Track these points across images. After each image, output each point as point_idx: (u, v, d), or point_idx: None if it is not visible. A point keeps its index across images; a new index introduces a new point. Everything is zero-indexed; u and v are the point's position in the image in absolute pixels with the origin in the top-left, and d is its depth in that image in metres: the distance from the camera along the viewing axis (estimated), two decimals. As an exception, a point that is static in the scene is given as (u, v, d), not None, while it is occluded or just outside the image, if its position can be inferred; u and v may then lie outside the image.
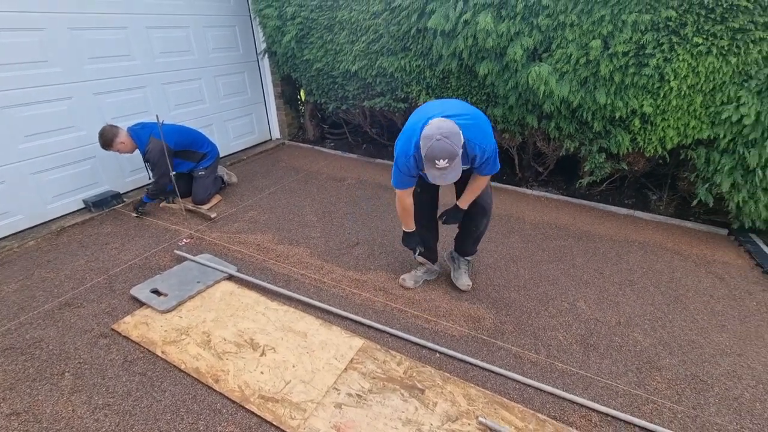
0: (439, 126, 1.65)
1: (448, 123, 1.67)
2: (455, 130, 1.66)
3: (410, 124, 1.91)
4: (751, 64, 2.47)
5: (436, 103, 2.00)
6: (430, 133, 1.64)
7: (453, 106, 1.88)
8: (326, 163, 4.69)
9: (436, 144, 1.61)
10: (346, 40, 3.88)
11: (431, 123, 1.71)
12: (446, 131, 1.63)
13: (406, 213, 2.18)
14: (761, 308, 2.40)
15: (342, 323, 2.20)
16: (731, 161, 2.71)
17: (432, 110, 1.86)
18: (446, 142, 1.60)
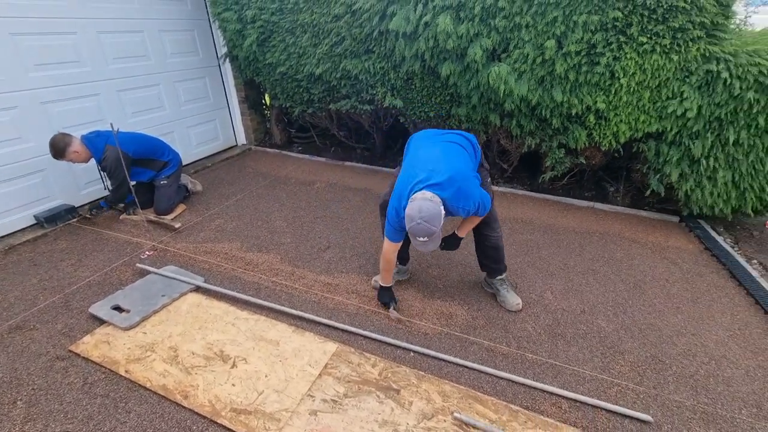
0: (420, 209, 1.75)
1: (428, 205, 1.76)
2: (435, 212, 1.75)
3: (401, 183, 1.96)
4: (691, 61, 2.63)
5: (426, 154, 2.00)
6: (412, 215, 1.76)
7: (438, 168, 1.89)
8: (294, 167, 4.64)
9: (416, 226, 1.75)
10: (309, 43, 3.85)
11: (415, 200, 1.79)
12: (426, 216, 1.73)
13: (389, 266, 2.20)
14: (711, 289, 2.57)
15: (315, 329, 2.18)
16: (678, 152, 2.88)
17: (420, 168, 1.92)
18: (425, 225, 1.74)
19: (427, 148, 2.06)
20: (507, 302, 2.35)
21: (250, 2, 3.94)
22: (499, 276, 2.39)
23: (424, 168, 1.90)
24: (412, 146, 2.20)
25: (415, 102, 3.69)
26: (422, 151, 2.05)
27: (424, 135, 2.23)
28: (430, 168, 1.89)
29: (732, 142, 2.69)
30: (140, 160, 3.28)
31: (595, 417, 1.73)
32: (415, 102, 3.69)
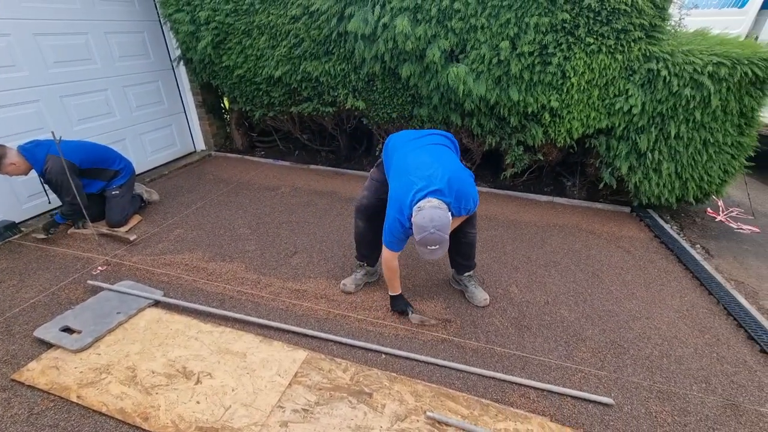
0: (431, 218, 1.71)
1: (439, 213, 1.73)
2: (446, 220, 1.73)
3: (399, 193, 1.89)
4: (634, 61, 2.80)
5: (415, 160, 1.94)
6: (424, 225, 1.71)
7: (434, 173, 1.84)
8: (257, 172, 4.52)
9: (429, 236, 1.71)
10: (267, 45, 3.77)
11: (422, 208, 1.74)
12: (438, 224, 1.70)
13: (394, 275, 2.18)
14: (661, 274, 2.73)
15: (284, 337, 2.13)
16: (626, 147, 3.06)
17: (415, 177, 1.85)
18: (438, 234, 1.71)
19: (415, 153, 1.99)
20: (475, 298, 2.39)
21: (203, 3, 3.81)
22: (467, 272, 2.42)
23: (420, 175, 1.85)
24: (396, 152, 2.10)
25: (378, 103, 3.70)
26: (411, 157, 1.97)
27: (404, 138, 2.17)
28: (426, 174, 1.84)
29: (673, 136, 2.88)
30: (88, 170, 3.08)
31: (561, 404, 1.80)
32: (378, 103, 3.70)
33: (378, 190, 2.28)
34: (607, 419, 1.73)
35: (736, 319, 2.29)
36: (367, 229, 2.36)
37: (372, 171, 2.38)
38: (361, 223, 2.36)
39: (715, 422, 1.73)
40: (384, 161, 2.25)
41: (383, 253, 2.09)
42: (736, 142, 2.94)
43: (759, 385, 1.91)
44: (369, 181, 2.36)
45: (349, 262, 2.81)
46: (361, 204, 2.32)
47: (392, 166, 2.08)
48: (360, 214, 2.34)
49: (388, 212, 1.97)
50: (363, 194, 2.33)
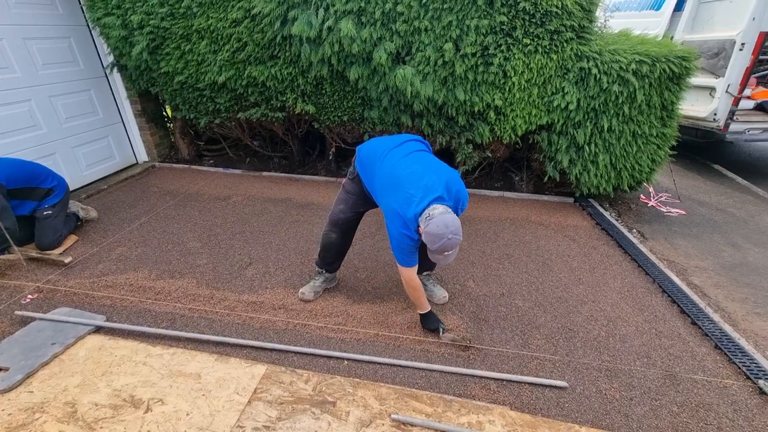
0: (446, 224, 1.68)
1: (452, 218, 1.72)
2: (458, 224, 1.72)
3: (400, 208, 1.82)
4: (568, 60, 2.98)
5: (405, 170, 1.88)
6: (441, 233, 1.68)
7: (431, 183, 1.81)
8: (207, 182, 4.33)
9: (448, 242, 1.69)
10: (208, 50, 3.62)
11: (432, 216, 1.70)
12: (454, 229, 1.69)
13: (419, 293, 2.09)
14: (604, 259, 2.92)
15: (241, 353, 2.05)
16: (566, 141, 3.24)
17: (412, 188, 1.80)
18: (456, 239, 1.70)
19: (402, 164, 1.92)
20: (434, 296, 2.42)
21: (135, 6, 3.59)
22: (426, 272, 2.45)
23: (416, 186, 1.80)
24: (377, 164, 2.00)
25: (328, 107, 3.66)
26: (399, 168, 1.90)
27: (381, 148, 2.05)
28: (422, 184, 1.80)
29: (606, 129, 3.09)
30: (17, 190, 2.80)
31: (520, 392, 1.86)
32: (328, 107, 3.66)
33: (355, 204, 2.23)
34: (562, 402, 1.82)
35: (670, 296, 2.50)
36: (340, 241, 2.32)
37: (345, 182, 2.29)
38: (335, 235, 2.30)
39: (656, 393, 1.87)
40: (361, 174, 2.14)
41: (403, 273, 2.01)
42: (660, 133, 3.21)
43: (692, 354, 2.09)
44: (344, 194, 2.28)
45: (307, 270, 2.76)
46: (338, 218, 2.26)
47: (377, 179, 2.00)
48: (336, 228, 2.28)
49: (390, 230, 1.89)
50: (339, 208, 2.26)
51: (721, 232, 3.43)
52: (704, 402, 1.82)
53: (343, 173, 4.52)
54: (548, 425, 1.68)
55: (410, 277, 2.01)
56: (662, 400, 1.83)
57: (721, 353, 2.09)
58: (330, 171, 4.52)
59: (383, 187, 1.94)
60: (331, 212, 2.31)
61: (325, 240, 2.36)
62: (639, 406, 1.80)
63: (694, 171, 4.93)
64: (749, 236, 3.36)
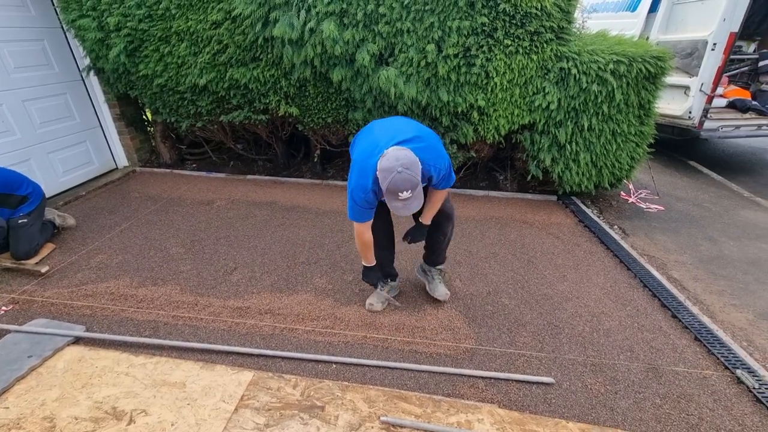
0: (397, 157, 1.58)
1: (405, 152, 1.62)
2: (413, 159, 1.61)
3: (361, 156, 1.79)
4: (548, 60, 3.03)
5: (381, 127, 1.88)
6: (390, 166, 1.58)
7: (401, 129, 1.78)
8: (189, 186, 4.25)
9: (398, 177, 1.57)
10: (188, 52, 3.56)
11: (387, 154, 1.63)
12: (406, 162, 1.58)
13: (366, 247, 2.08)
14: (587, 256, 2.97)
15: (227, 359, 2.02)
16: (548, 140, 3.29)
17: (381, 137, 1.77)
18: (407, 174, 1.57)
19: (380, 123, 1.92)
20: (437, 291, 2.38)
21: (111, 8, 3.50)
22: (439, 265, 2.41)
23: (385, 136, 1.74)
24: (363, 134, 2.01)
25: (312, 109, 3.64)
26: (376, 126, 1.88)
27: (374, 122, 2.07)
28: (391, 133, 1.73)
29: (587, 128, 3.15)
30: (-9, 198, 2.71)
31: (508, 390, 1.88)
32: (312, 109, 3.64)
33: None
34: (549, 398, 1.84)
35: (651, 290, 2.56)
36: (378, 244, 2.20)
37: None
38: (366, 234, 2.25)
39: (640, 386, 1.91)
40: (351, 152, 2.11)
41: (355, 227, 1.98)
42: (638, 132, 3.29)
43: (673, 347, 2.14)
44: None
45: (293, 273, 2.73)
46: None
47: (356, 145, 1.98)
48: None
49: (349, 181, 1.83)
50: None
51: (699, 226, 3.53)
52: (685, 393, 1.87)
53: (328, 175, 4.50)
54: (536, 422, 1.70)
55: (360, 231, 1.97)
56: (645, 393, 1.87)
57: (700, 345, 2.15)
58: (315, 173, 4.50)
59: (357, 145, 1.92)
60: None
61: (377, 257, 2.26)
62: (623, 399, 1.84)
63: (672, 168, 5.06)
64: (725, 230, 3.47)
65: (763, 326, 2.37)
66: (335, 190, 4.12)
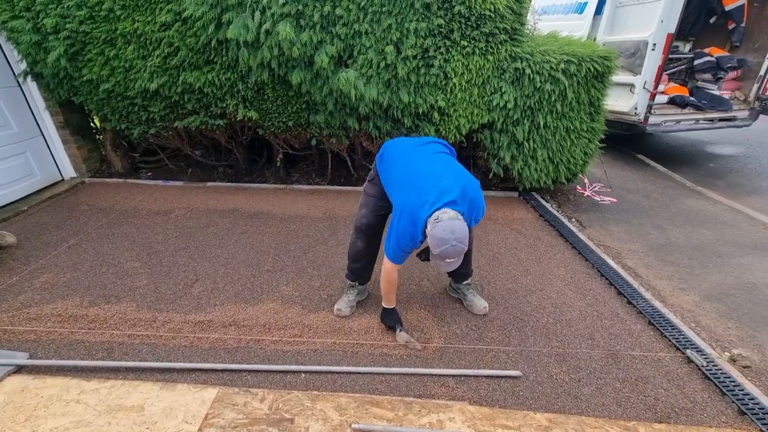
0: (452, 230, 1.66)
1: (460, 225, 1.69)
2: (466, 232, 1.70)
3: (411, 204, 1.81)
4: (503, 61, 3.11)
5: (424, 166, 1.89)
6: (445, 237, 1.66)
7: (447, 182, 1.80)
8: (145, 196, 4.04)
9: (451, 249, 1.67)
10: (136, 56, 3.38)
11: (442, 222, 1.68)
12: (460, 236, 1.66)
13: (392, 287, 2.11)
14: (548, 249, 3.07)
15: (189, 377, 1.92)
16: (507, 138, 3.39)
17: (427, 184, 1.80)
18: (460, 247, 1.67)
19: (423, 163, 1.92)
20: (474, 306, 2.38)
21: (48, 9, 3.27)
22: (465, 281, 2.43)
23: (433, 185, 1.79)
24: (398, 162, 2.01)
25: (271, 112, 3.56)
26: (420, 167, 1.90)
27: (404, 147, 2.07)
28: (439, 185, 1.79)
29: (542, 126, 3.27)
30: None
31: (477, 386, 1.91)
32: (271, 112, 3.56)
33: (376, 206, 2.19)
34: (517, 390, 1.89)
35: (608, 279, 2.68)
36: (366, 248, 2.27)
37: (366, 186, 2.26)
38: (361, 243, 2.25)
39: (601, 372, 1.99)
40: (380, 172, 2.12)
41: (385, 264, 2.01)
42: (590, 128, 3.45)
43: (629, 332, 2.25)
44: (365, 198, 2.24)
45: (258, 281, 2.66)
46: (362, 224, 2.21)
47: (394, 175, 2.00)
48: (361, 234, 2.23)
49: (396, 224, 1.86)
50: (362, 213, 2.22)
51: (648, 216, 3.74)
52: (642, 376, 1.97)
53: (293, 179, 4.41)
54: (505, 415, 1.73)
55: (390, 271, 2.03)
56: (606, 378, 1.95)
57: (654, 329, 2.27)
58: (279, 178, 4.40)
59: (400, 183, 1.95)
60: (355, 219, 2.27)
61: (352, 249, 2.30)
62: (586, 386, 1.91)
63: (622, 161, 5.35)
64: (671, 218, 3.70)
65: (708, 307, 2.55)
66: (300, 194, 4.05)
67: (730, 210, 3.88)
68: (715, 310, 2.52)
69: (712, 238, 3.35)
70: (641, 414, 1.77)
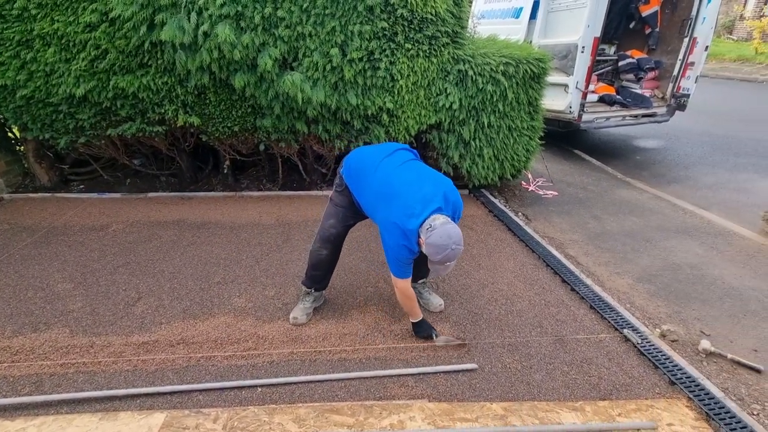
0: (449, 235, 1.71)
1: (455, 229, 1.74)
2: (460, 233, 1.75)
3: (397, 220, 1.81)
4: (447, 63, 3.21)
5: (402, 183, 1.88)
6: (444, 243, 1.70)
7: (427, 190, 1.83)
8: (77, 211, 3.71)
9: (452, 252, 1.71)
10: (58, 58, 3.10)
11: (437, 230, 1.71)
12: (457, 240, 1.72)
13: (412, 302, 2.10)
14: (498, 243, 3.20)
15: (133, 404, 1.79)
16: (454, 138, 3.50)
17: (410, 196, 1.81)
18: (458, 249, 1.73)
19: (396, 174, 1.93)
20: (430, 304, 2.43)
21: (-53, 7, 2.92)
22: (422, 280, 2.45)
23: (413, 197, 1.81)
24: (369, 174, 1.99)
25: (215, 117, 3.41)
26: (394, 178, 1.91)
27: (371, 157, 2.05)
28: (419, 194, 1.81)
29: (487, 125, 3.41)
30: None
31: (436, 383, 1.94)
32: (215, 117, 3.41)
33: (345, 217, 2.19)
34: (474, 383, 1.94)
35: (553, 268, 2.84)
36: (330, 257, 2.25)
37: (333, 195, 2.24)
38: (326, 252, 2.21)
39: (550, 357, 2.10)
40: (350, 185, 2.11)
41: (397, 284, 2.01)
42: (530, 126, 3.64)
43: (574, 317, 2.40)
44: (333, 208, 2.21)
45: (208, 295, 2.53)
46: (329, 234, 2.19)
47: (369, 189, 2.00)
48: (328, 244, 2.20)
49: (387, 242, 1.88)
50: (329, 222, 2.18)
51: (585, 207, 4.02)
52: (587, 357, 2.10)
53: (242, 186, 4.26)
54: (463, 408, 1.78)
55: (405, 287, 2.03)
56: (555, 363, 2.06)
57: (595, 312, 2.44)
58: (227, 185, 4.23)
59: (378, 198, 1.94)
60: (320, 228, 2.24)
61: (315, 258, 2.24)
62: (537, 372, 2.01)
63: (561, 157, 5.71)
64: (605, 208, 3.99)
65: (640, 288, 2.78)
66: (250, 201, 3.92)
67: (655, 198, 4.26)
68: (647, 291, 2.75)
69: (641, 225, 3.66)
70: (587, 393, 1.89)
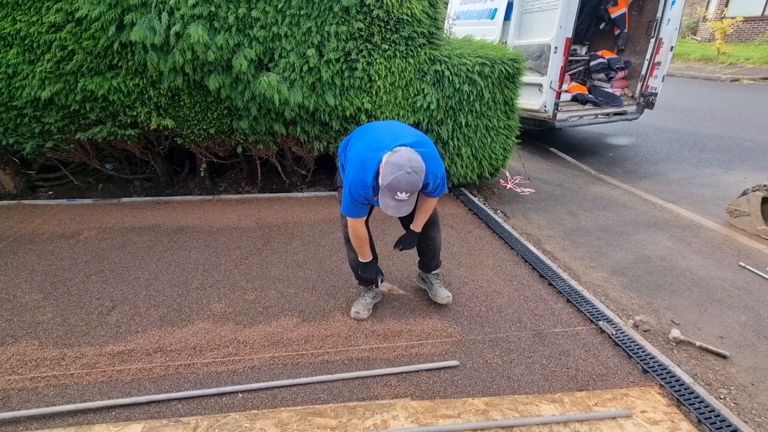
0: (409, 158, 1.60)
1: (417, 156, 1.64)
2: (422, 165, 1.65)
3: (362, 150, 1.80)
4: (423, 63, 3.24)
5: (382, 128, 1.90)
6: (401, 163, 1.59)
7: (403, 132, 1.83)
8: (46, 218, 3.57)
9: (405, 176, 1.58)
10: (21, 60, 2.98)
11: (399, 151, 1.65)
12: (416, 166, 1.61)
13: (362, 242, 2.08)
14: (478, 241, 3.25)
15: (108, 416, 1.74)
16: (433, 138, 3.52)
17: (383, 136, 1.79)
18: (414, 176, 1.60)
19: (383, 125, 1.97)
20: (440, 296, 2.42)
21: None
22: (435, 270, 2.46)
23: (388, 135, 1.76)
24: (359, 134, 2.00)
25: (190, 120, 3.34)
26: (376, 126, 1.93)
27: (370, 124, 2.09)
28: (394, 135, 1.76)
29: (464, 125, 3.45)
30: None
31: (419, 381, 1.95)
32: (190, 120, 3.34)
33: None
34: (456, 380, 1.96)
35: (531, 264, 2.90)
36: None
37: (337, 195, 2.23)
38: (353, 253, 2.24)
39: (529, 351, 2.14)
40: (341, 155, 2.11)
41: (349, 223, 1.99)
42: (507, 125, 3.71)
43: (551, 311, 2.46)
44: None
45: (186, 301, 2.48)
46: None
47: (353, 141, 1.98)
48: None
49: (347, 175, 1.82)
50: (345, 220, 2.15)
51: (561, 203, 4.12)
52: (564, 350, 2.16)
53: (220, 189, 4.18)
54: (446, 405, 1.80)
55: (356, 226, 1.99)
56: (534, 357, 2.11)
57: (572, 306, 2.50)
58: (205, 189, 4.15)
59: (356, 141, 1.92)
60: (342, 231, 2.27)
61: (352, 261, 2.30)
62: (517, 366, 2.05)
63: (537, 155, 5.83)
64: (580, 204, 4.10)
65: (614, 281, 2.86)
66: (229, 204, 3.85)
67: (627, 193, 4.40)
68: (620, 283, 2.84)
69: (614, 220, 3.77)
70: (565, 385, 1.94)
